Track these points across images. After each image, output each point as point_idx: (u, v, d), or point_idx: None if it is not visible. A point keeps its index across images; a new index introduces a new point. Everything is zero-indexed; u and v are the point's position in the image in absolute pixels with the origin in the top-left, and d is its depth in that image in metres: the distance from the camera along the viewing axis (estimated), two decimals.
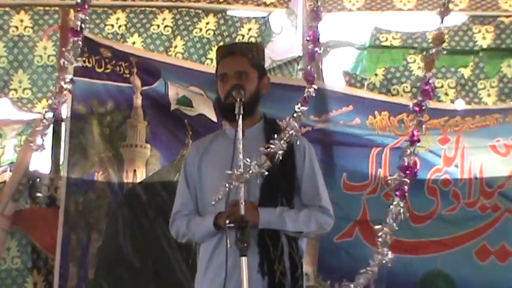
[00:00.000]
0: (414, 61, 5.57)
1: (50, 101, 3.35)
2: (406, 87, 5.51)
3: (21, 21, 5.25)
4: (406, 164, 2.97)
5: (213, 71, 3.19)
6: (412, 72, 5.55)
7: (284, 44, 4.89)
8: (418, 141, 2.97)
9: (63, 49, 3.39)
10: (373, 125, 4.48)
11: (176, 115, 4.38)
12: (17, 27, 5.25)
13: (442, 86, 5.53)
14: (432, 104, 5.01)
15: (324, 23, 4.43)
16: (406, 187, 2.94)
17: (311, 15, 4.67)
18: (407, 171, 2.93)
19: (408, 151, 2.97)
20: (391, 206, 2.97)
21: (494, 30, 5.62)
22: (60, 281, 4.10)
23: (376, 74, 5.47)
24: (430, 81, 2.98)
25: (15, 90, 5.27)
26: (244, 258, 2.75)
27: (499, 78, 5.53)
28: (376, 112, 4.48)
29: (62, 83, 3.31)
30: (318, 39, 3.03)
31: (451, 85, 5.54)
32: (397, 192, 2.98)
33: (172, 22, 5.35)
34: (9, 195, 4.17)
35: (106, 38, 5.09)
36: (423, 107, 2.94)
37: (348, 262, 4.51)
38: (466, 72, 5.52)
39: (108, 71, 4.28)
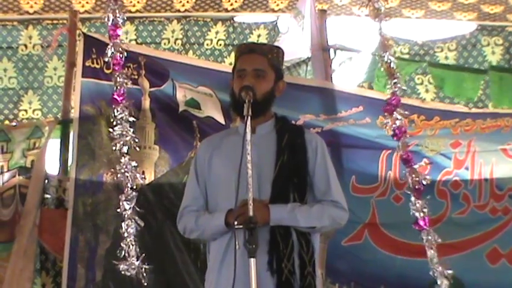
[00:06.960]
0: (422, 82, 5.57)
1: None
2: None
3: (30, 37, 5.22)
4: None
5: (224, 69, 3.18)
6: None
7: (290, 44, 4.86)
8: None
9: None
10: (383, 124, 4.45)
11: (184, 117, 4.37)
12: (26, 45, 5.22)
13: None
14: (443, 106, 5.06)
15: (333, 26, 4.44)
16: None
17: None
18: None
19: None
20: None
21: (502, 42, 5.60)
22: (68, 282, 4.08)
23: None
24: None
25: (25, 110, 5.27)
26: (252, 260, 2.74)
27: None
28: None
29: None
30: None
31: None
32: None
33: (182, 33, 5.34)
34: (36, 205, 4.17)
35: None
36: None
37: (357, 265, 4.48)
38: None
39: None
